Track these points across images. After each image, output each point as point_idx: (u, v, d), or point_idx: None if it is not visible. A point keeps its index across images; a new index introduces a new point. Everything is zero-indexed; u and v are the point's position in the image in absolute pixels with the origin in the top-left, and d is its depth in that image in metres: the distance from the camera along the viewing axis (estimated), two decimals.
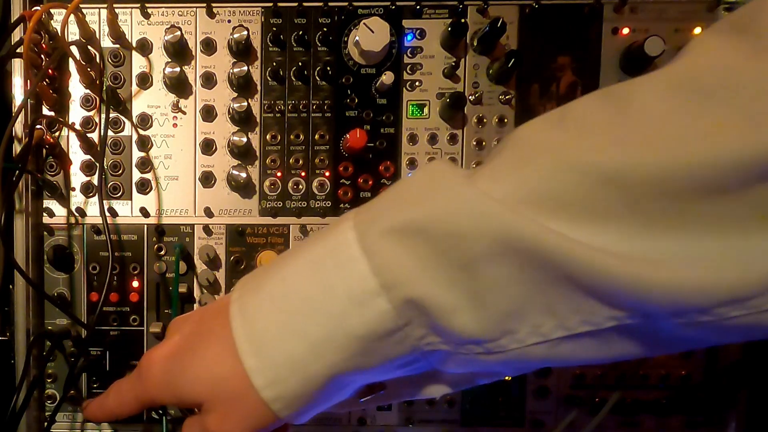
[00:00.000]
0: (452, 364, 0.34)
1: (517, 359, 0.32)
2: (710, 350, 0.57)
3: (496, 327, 0.30)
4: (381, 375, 0.36)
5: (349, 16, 0.54)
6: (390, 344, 0.32)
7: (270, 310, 0.34)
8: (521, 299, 0.29)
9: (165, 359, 0.38)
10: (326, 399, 0.35)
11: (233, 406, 0.35)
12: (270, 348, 0.33)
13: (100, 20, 0.54)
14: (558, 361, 0.32)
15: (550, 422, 0.57)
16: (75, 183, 0.55)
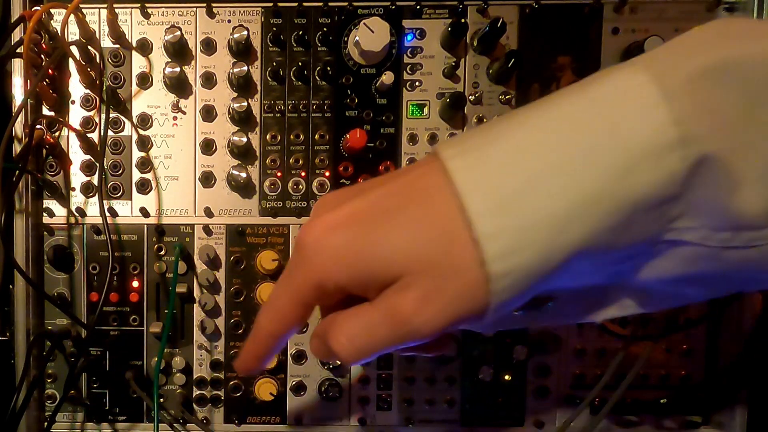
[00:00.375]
0: (670, 265, 0.29)
1: (761, 257, 0.27)
2: (710, 350, 0.57)
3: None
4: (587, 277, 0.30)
5: (349, 16, 0.54)
6: (650, 220, 0.27)
7: (517, 159, 0.27)
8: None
9: (346, 225, 0.30)
10: (533, 290, 0.28)
11: (445, 281, 0.28)
12: (516, 209, 0.26)
13: (100, 20, 0.54)
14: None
15: (550, 422, 0.57)
16: (75, 183, 0.55)
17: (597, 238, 0.26)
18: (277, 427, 0.58)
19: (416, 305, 0.28)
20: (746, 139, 0.26)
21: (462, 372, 0.57)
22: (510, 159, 0.27)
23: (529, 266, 0.27)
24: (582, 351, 0.57)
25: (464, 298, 0.28)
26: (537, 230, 0.26)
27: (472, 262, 0.27)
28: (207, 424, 0.57)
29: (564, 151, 0.26)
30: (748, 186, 0.26)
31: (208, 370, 0.57)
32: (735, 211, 0.26)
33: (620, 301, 0.32)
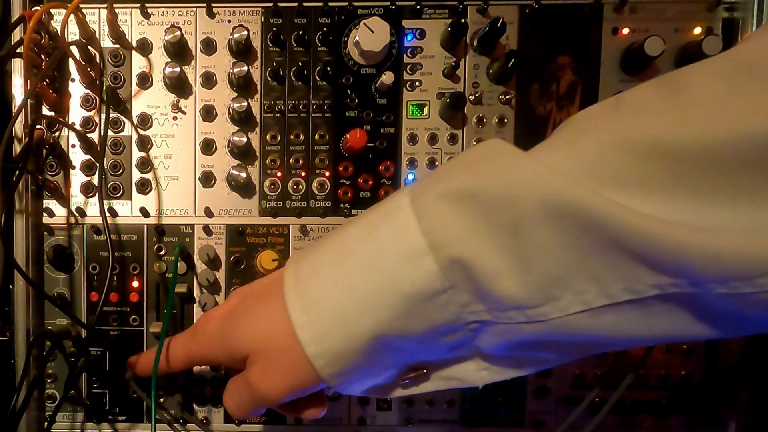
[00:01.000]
0: (494, 338, 0.34)
1: (559, 330, 0.31)
2: (710, 350, 0.57)
3: (540, 292, 0.31)
4: (423, 350, 0.36)
5: (349, 16, 0.54)
6: (435, 307, 0.33)
7: (322, 270, 0.36)
8: (566, 265, 0.30)
9: (221, 317, 0.41)
10: (368, 365, 0.35)
11: (277, 359, 0.36)
12: (318, 304, 0.35)
13: (100, 20, 0.54)
14: (599, 335, 0.31)
15: (550, 422, 0.57)
16: (75, 183, 0.55)
17: (387, 324, 0.33)
18: (277, 427, 0.58)
19: (260, 376, 0.37)
20: (490, 242, 0.31)
21: None
22: (320, 267, 0.36)
23: (339, 348, 0.34)
24: None
25: (294, 372, 0.36)
26: (333, 322, 0.34)
27: (294, 345, 0.35)
28: (207, 424, 0.57)
29: (348, 264, 0.35)
30: (505, 277, 0.31)
31: (208, 370, 0.57)
32: (503, 296, 0.31)
33: (482, 365, 0.38)
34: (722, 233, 0.26)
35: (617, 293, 0.29)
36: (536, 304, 0.31)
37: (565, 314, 0.31)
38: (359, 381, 0.38)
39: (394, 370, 0.38)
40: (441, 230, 0.32)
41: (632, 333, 0.31)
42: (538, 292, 0.31)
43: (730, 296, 0.27)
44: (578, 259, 0.29)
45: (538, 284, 0.31)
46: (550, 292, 0.31)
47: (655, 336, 0.31)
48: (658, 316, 0.30)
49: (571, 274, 0.30)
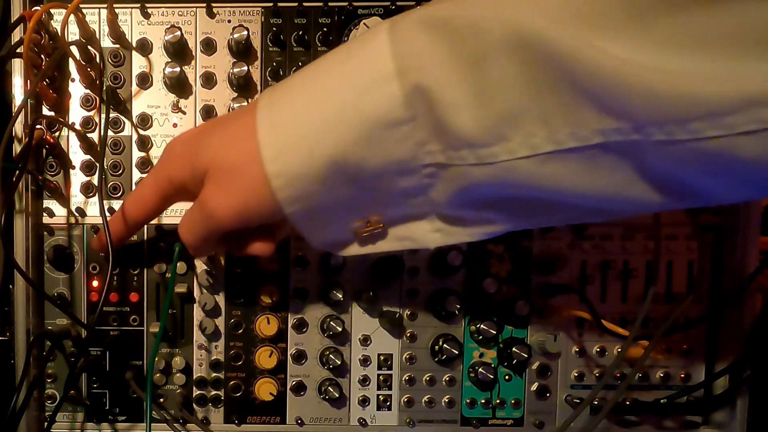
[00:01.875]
0: (448, 186, 0.35)
1: (505, 176, 0.32)
2: (710, 350, 0.57)
3: (492, 130, 0.32)
4: (381, 195, 0.36)
5: (349, 16, 0.54)
6: (393, 140, 0.33)
7: (295, 91, 0.36)
8: (519, 102, 0.31)
9: (189, 137, 0.41)
10: (325, 196, 0.36)
11: (233, 174, 0.36)
12: (285, 122, 0.35)
13: (100, 20, 0.54)
14: (544, 187, 0.32)
15: (550, 422, 0.57)
16: (75, 183, 0.55)
17: (347, 148, 0.34)
18: (277, 427, 0.58)
19: (212, 191, 0.37)
20: (453, 72, 0.31)
21: (462, 372, 0.57)
22: (288, 94, 0.36)
23: (298, 168, 0.34)
24: (582, 351, 0.57)
25: (250, 189, 0.36)
26: (297, 140, 0.34)
27: (255, 161, 0.35)
28: (207, 424, 0.57)
29: (320, 81, 0.35)
30: (463, 109, 0.32)
31: (208, 370, 0.57)
32: (458, 130, 0.32)
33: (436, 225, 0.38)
34: (665, 73, 0.26)
35: (563, 138, 0.30)
36: (487, 143, 0.32)
37: (513, 157, 0.32)
38: (315, 221, 0.38)
39: (350, 219, 0.38)
40: (410, 55, 0.32)
41: (576, 186, 0.32)
42: (490, 129, 0.31)
43: (667, 146, 0.27)
44: (531, 97, 0.30)
45: (492, 121, 0.31)
46: (501, 131, 0.31)
47: (600, 192, 0.32)
48: (602, 170, 0.31)
49: (523, 113, 0.31)
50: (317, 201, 0.36)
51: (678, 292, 0.56)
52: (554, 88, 0.29)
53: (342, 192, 0.36)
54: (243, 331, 0.56)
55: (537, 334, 0.56)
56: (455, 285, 0.56)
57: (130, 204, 0.45)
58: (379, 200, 0.37)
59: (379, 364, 0.57)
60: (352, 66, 0.34)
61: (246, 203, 0.36)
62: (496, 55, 0.30)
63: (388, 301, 0.56)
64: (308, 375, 0.57)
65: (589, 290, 0.56)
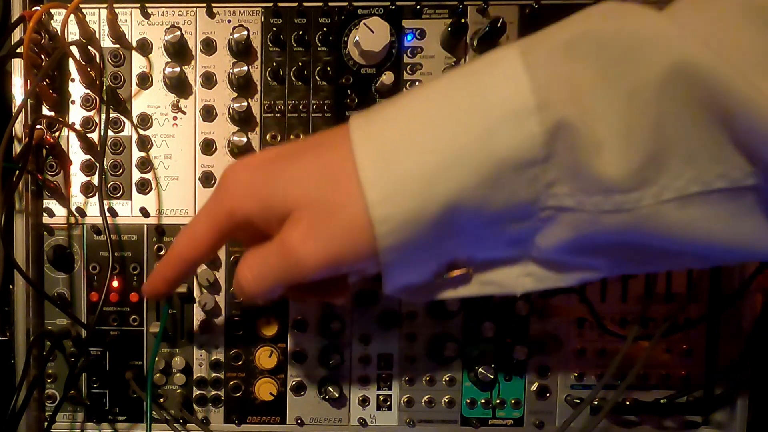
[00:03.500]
0: (561, 232, 0.31)
1: (642, 223, 0.29)
2: (710, 350, 0.57)
3: (637, 173, 0.28)
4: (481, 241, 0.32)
5: (349, 16, 0.54)
6: (521, 181, 0.29)
7: (402, 122, 0.30)
8: (670, 141, 0.28)
9: (260, 164, 0.34)
10: (427, 244, 0.31)
11: (330, 218, 0.31)
12: (395, 160, 0.30)
13: (100, 20, 0.54)
14: (680, 233, 0.29)
15: (550, 422, 0.57)
16: (75, 183, 0.55)
17: (467, 193, 0.29)
18: (277, 427, 0.58)
19: (302, 236, 0.31)
20: (603, 106, 0.28)
21: (462, 372, 0.57)
22: (395, 122, 0.31)
23: (408, 214, 0.30)
24: (582, 351, 0.57)
25: (348, 235, 0.31)
26: (411, 181, 0.29)
27: (356, 204, 0.30)
28: (207, 424, 0.57)
29: (437, 114, 0.30)
30: (607, 149, 0.28)
31: (208, 370, 0.57)
32: (599, 174, 0.28)
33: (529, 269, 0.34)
34: None
35: (711, 179, 0.28)
36: (629, 188, 0.28)
37: (656, 201, 0.28)
38: (406, 268, 0.33)
39: (438, 264, 0.34)
40: (554, 87, 0.28)
41: (710, 233, 0.29)
42: (635, 173, 0.28)
43: None
44: (684, 134, 0.27)
45: (638, 164, 0.28)
46: (646, 175, 0.28)
47: (732, 242, 0.29)
48: (741, 216, 0.28)
49: (671, 152, 0.28)
50: (417, 248, 0.31)
51: (678, 292, 0.56)
52: (711, 128, 0.27)
53: (447, 237, 0.32)
54: (243, 332, 0.56)
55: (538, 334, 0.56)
56: None
57: (182, 242, 0.38)
58: (478, 246, 0.33)
59: (379, 364, 0.57)
60: (479, 97, 0.29)
61: (342, 252, 0.31)
62: (656, 89, 0.27)
63: (389, 300, 0.56)
64: (308, 375, 0.57)
65: (589, 290, 0.56)
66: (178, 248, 0.38)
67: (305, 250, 0.31)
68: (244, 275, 0.34)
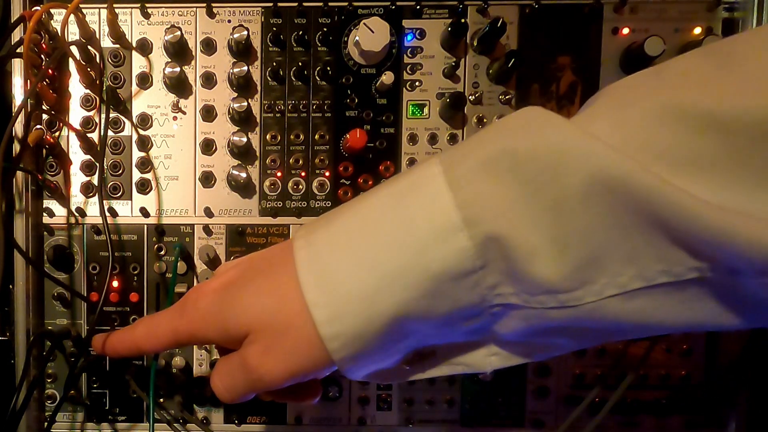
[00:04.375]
0: (515, 323, 0.32)
1: (589, 316, 0.30)
2: (710, 350, 0.57)
3: (575, 275, 0.29)
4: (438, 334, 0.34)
5: (349, 16, 0.54)
6: (462, 289, 0.30)
7: (341, 243, 0.32)
8: (605, 245, 0.28)
9: (216, 291, 0.36)
10: (382, 348, 0.33)
11: (282, 338, 0.33)
12: (336, 281, 0.31)
13: (100, 20, 0.54)
14: (631, 321, 0.30)
15: (550, 422, 0.57)
16: (75, 183, 0.55)
17: (411, 305, 0.31)
18: (277, 427, 0.58)
19: (259, 357, 0.33)
20: (529, 219, 0.29)
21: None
22: (338, 239, 0.32)
23: (356, 329, 0.31)
24: (582, 351, 0.57)
25: (302, 352, 0.33)
26: (354, 300, 0.31)
27: (305, 323, 0.32)
28: (207, 424, 0.57)
29: (371, 237, 0.31)
30: (541, 256, 0.29)
31: (208, 370, 0.57)
32: (537, 278, 0.29)
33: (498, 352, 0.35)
34: (753, 219, 0.25)
35: (654, 275, 0.28)
36: (570, 288, 0.29)
37: (599, 298, 0.29)
38: (367, 365, 0.35)
39: (402, 354, 0.35)
40: (477, 204, 0.29)
41: (661, 319, 0.29)
42: (573, 274, 0.29)
43: None
44: (617, 240, 0.28)
45: (574, 266, 0.29)
46: (585, 275, 0.29)
47: (683, 323, 0.29)
48: (690, 302, 0.28)
49: (608, 255, 0.28)
50: (373, 354, 0.33)
51: None
52: (642, 232, 0.27)
53: (400, 341, 0.33)
54: None
55: None
56: None
57: (141, 332, 0.40)
58: (436, 339, 0.35)
59: None
60: (408, 218, 0.31)
61: (299, 366, 0.33)
62: (577, 200, 0.28)
63: None
64: None
65: None
66: (137, 334, 0.40)
67: (265, 367, 0.33)
68: (215, 384, 0.37)
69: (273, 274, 0.34)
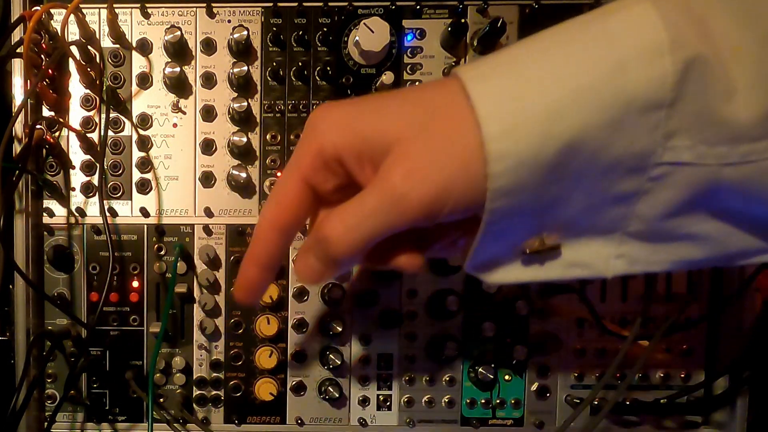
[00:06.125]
0: (673, 194, 0.29)
1: (763, 178, 0.28)
2: (710, 350, 0.57)
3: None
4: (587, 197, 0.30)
5: (349, 16, 0.54)
6: (643, 127, 0.28)
7: (521, 60, 0.29)
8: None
9: (349, 102, 0.32)
10: (539, 188, 0.29)
11: (437, 152, 0.28)
12: (514, 93, 0.28)
13: (100, 20, 0.54)
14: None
15: (550, 422, 0.57)
16: (75, 183, 0.55)
17: (590, 133, 0.27)
18: (277, 427, 0.58)
19: (406, 171, 0.28)
20: (738, 45, 0.27)
21: (462, 372, 0.57)
22: (513, 60, 0.29)
23: (526, 151, 0.27)
24: (582, 351, 0.57)
25: (457, 172, 0.28)
26: (533, 116, 0.27)
27: (470, 138, 0.27)
28: (207, 424, 0.57)
29: (561, 51, 0.28)
30: (741, 93, 0.27)
31: (208, 370, 0.57)
32: (728, 119, 0.27)
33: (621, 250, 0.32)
34: None
35: None
36: (758, 136, 0.27)
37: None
38: (500, 229, 0.30)
39: (529, 231, 0.31)
40: (686, 24, 0.27)
41: None
42: (766, 119, 0.27)
43: None
44: None
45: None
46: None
47: None
48: None
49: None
50: (525, 198, 0.29)
51: (678, 292, 0.56)
52: None
53: (557, 188, 0.29)
54: (243, 331, 0.56)
55: (537, 334, 0.56)
56: (455, 285, 0.56)
57: (268, 208, 0.34)
58: (581, 205, 0.31)
59: (379, 364, 0.57)
60: (608, 35, 0.28)
61: (448, 191, 0.28)
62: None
63: (389, 300, 0.56)
64: (308, 375, 0.57)
65: (589, 290, 0.55)
66: (265, 217, 0.34)
67: (409, 184, 0.28)
68: (333, 227, 0.30)
69: (430, 90, 0.30)
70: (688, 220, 0.30)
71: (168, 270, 0.55)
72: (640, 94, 0.27)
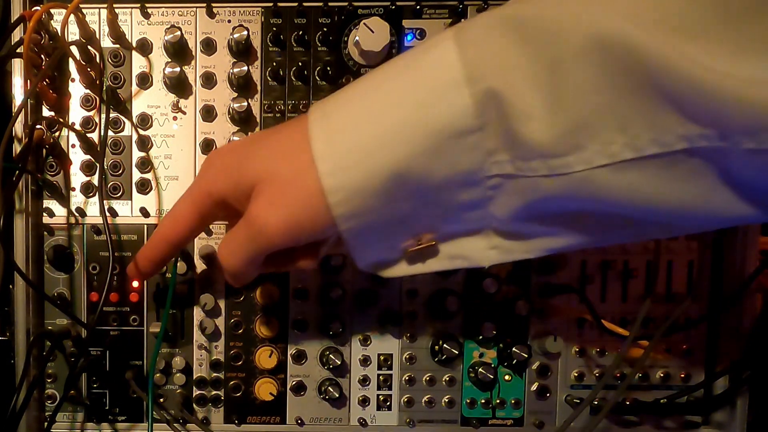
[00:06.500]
0: (511, 200, 0.33)
1: (580, 188, 0.31)
2: (710, 350, 0.57)
3: (567, 139, 0.30)
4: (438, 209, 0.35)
5: (349, 16, 0.54)
6: (461, 149, 0.32)
7: (351, 103, 0.34)
8: (597, 109, 0.29)
9: (231, 149, 0.39)
10: (381, 214, 0.34)
11: (287, 189, 0.34)
12: (342, 135, 0.33)
13: (100, 20, 0.54)
14: (618, 196, 0.30)
15: (550, 422, 0.57)
16: (75, 183, 0.55)
17: (411, 161, 0.32)
18: (277, 427, 0.58)
19: (263, 206, 0.35)
20: (528, 77, 0.30)
21: (462, 372, 0.57)
22: (345, 103, 0.34)
23: (355, 184, 0.33)
24: (582, 351, 0.57)
25: (304, 204, 0.34)
26: (357, 152, 0.32)
27: (310, 175, 0.33)
28: (207, 424, 0.57)
29: (384, 87, 0.33)
30: (536, 117, 0.30)
31: (208, 370, 0.57)
32: (530, 140, 0.30)
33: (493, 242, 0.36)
34: (760, 84, 0.25)
35: (644, 144, 0.29)
36: (561, 152, 0.30)
37: (589, 167, 0.30)
38: (367, 238, 0.36)
39: (402, 236, 0.36)
40: (481, 60, 0.31)
41: (653, 196, 0.30)
42: (565, 137, 0.30)
43: (757, 155, 0.26)
44: (610, 104, 0.29)
45: (567, 129, 0.30)
46: (576, 140, 0.30)
47: (678, 203, 0.30)
48: (683, 178, 0.29)
49: (600, 120, 0.29)
50: (373, 217, 0.34)
51: (678, 292, 0.56)
52: (636, 94, 0.28)
53: (400, 207, 0.34)
54: (243, 331, 0.56)
55: (537, 334, 0.56)
56: (455, 285, 0.56)
57: (166, 223, 0.42)
58: (435, 215, 0.35)
59: (379, 364, 0.57)
60: (416, 74, 0.32)
61: (298, 219, 0.34)
62: (576, 60, 0.29)
63: (389, 300, 0.56)
64: (308, 375, 0.57)
65: (589, 290, 0.56)
66: (162, 230, 0.42)
67: (266, 218, 0.35)
68: (220, 253, 0.39)
69: (287, 131, 0.36)
70: (539, 219, 0.34)
71: (168, 270, 0.55)
72: (447, 124, 0.31)
